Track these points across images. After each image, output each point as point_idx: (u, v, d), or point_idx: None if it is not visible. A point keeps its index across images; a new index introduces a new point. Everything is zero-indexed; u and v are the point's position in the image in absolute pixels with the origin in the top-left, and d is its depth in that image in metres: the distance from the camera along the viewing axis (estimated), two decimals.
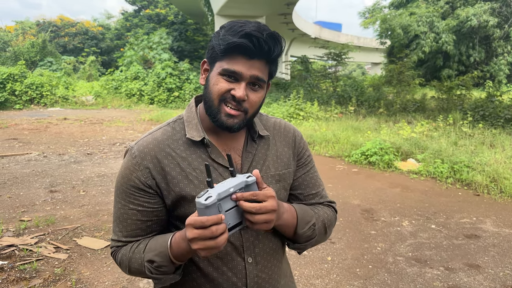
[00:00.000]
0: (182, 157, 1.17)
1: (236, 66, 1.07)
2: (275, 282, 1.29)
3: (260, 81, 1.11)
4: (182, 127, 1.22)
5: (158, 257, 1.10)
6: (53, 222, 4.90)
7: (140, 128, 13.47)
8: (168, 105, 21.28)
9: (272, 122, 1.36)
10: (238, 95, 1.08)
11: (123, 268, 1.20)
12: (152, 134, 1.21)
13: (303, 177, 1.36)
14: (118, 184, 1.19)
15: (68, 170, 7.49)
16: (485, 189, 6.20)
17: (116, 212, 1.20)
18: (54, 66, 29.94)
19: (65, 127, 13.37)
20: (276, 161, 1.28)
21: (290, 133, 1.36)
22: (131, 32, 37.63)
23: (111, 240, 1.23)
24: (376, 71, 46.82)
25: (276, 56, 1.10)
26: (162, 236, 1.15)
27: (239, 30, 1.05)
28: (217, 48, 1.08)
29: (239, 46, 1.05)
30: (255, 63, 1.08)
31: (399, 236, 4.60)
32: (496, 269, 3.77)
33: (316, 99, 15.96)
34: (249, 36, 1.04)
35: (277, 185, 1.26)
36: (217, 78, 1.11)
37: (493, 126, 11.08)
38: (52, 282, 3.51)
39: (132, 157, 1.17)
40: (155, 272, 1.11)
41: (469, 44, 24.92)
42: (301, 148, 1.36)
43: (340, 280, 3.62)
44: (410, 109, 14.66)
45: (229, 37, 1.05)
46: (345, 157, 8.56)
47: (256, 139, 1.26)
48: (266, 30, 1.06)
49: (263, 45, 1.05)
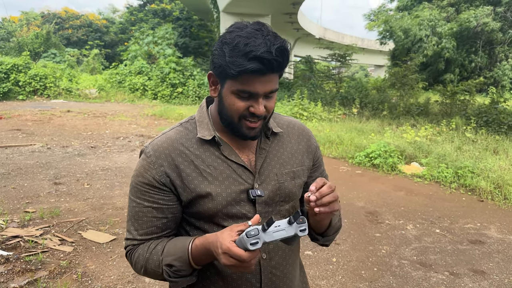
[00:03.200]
0: (196, 155, 1.18)
1: (251, 87, 1.08)
2: (289, 282, 1.29)
3: (274, 91, 1.13)
4: (194, 126, 1.24)
5: (177, 262, 1.12)
6: (57, 214, 4.90)
7: (144, 123, 13.47)
8: (171, 101, 21.28)
9: (286, 120, 1.38)
10: (259, 112, 1.11)
11: (138, 268, 1.20)
12: (165, 134, 1.23)
13: (318, 177, 1.37)
14: (133, 183, 1.20)
15: (72, 163, 7.49)
16: (489, 195, 6.20)
17: (131, 211, 1.21)
18: (58, 58, 29.95)
19: (68, 120, 13.38)
20: (291, 159, 1.29)
21: (305, 131, 1.38)
22: (136, 27, 37.55)
23: (126, 240, 1.23)
24: (379, 74, 46.78)
25: (285, 66, 1.11)
26: (180, 240, 1.17)
27: (246, 51, 1.02)
28: (227, 70, 1.06)
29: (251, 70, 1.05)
30: (267, 78, 1.08)
31: (403, 239, 4.60)
32: (501, 276, 3.77)
33: (320, 99, 15.96)
34: (259, 59, 1.02)
35: (292, 182, 1.27)
36: (231, 98, 1.11)
37: (496, 132, 11.07)
38: (57, 274, 3.52)
39: (146, 157, 1.18)
40: (173, 276, 1.13)
41: (471, 48, 24.87)
42: (316, 148, 1.39)
43: (345, 281, 3.62)
44: (414, 112, 14.64)
45: (238, 60, 1.03)
46: (349, 158, 8.56)
47: (269, 136, 1.27)
48: (273, 44, 1.04)
49: (274, 63, 1.05)
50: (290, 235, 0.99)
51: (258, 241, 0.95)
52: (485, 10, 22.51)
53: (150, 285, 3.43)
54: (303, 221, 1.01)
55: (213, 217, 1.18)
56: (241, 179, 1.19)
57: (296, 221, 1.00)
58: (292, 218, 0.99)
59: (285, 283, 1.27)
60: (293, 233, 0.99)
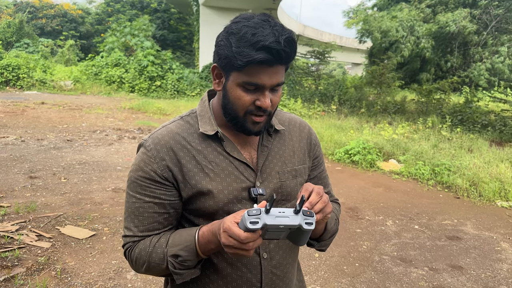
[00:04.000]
0: (198, 150, 1.15)
1: (258, 79, 1.04)
2: (289, 281, 1.28)
3: (280, 84, 1.10)
4: (195, 121, 1.20)
5: (183, 251, 1.08)
6: (34, 209, 4.77)
7: (121, 116, 13.24)
8: (149, 94, 20.96)
9: (287, 117, 1.35)
10: (266, 106, 1.07)
11: (139, 265, 1.15)
12: (166, 127, 1.19)
13: (318, 176, 1.38)
14: (132, 178, 1.15)
15: (48, 156, 7.29)
16: (465, 192, 6.36)
17: (130, 207, 1.16)
18: (31, 48, 29.11)
19: (43, 112, 13.02)
20: (293, 156, 1.27)
21: (306, 129, 1.36)
22: (113, 18, 36.85)
23: (124, 237, 1.18)
24: (357, 72, 47.32)
25: (293, 58, 1.08)
26: (186, 230, 1.13)
27: (254, 41, 0.99)
28: (234, 61, 1.03)
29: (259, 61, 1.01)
30: (275, 70, 1.05)
31: (383, 235, 4.67)
32: (478, 271, 3.87)
33: (300, 96, 16.03)
34: (268, 50, 0.99)
35: (293, 181, 1.25)
36: (237, 90, 1.08)
37: (471, 131, 11.38)
38: (35, 271, 3.42)
39: (147, 150, 1.14)
40: (178, 267, 1.09)
41: (447, 49, 25.44)
42: (317, 146, 1.37)
43: (328, 277, 3.65)
44: (391, 110, 14.90)
45: (245, 50, 1.00)
46: (329, 155, 8.63)
47: (271, 133, 1.25)
48: (282, 34, 1.01)
49: (282, 54, 1.02)
50: (293, 224, 0.93)
51: (258, 221, 0.91)
52: (462, 12, 23.00)
53: (132, 281, 3.37)
54: (310, 214, 0.95)
55: (214, 215, 1.14)
56: (243, 176, 1.16)
57: (302, 211, 0.94)
58: (298, 206, 0.94)
59: (285, 283, 1.26)
60: (297, 223, 0.93)
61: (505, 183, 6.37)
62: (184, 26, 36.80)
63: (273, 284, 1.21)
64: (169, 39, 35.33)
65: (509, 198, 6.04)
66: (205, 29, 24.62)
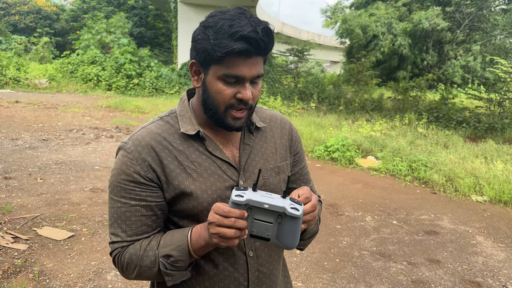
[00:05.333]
0: (179, 150, 1.14)
1: (237, 70, 1.04)
2: (275, 278, 1.29)
3: (260, 76, 1.09)
4: (176, 121, 1.18)
5: (175, 251, 1.06)
6: (9, 211, 4.65)
7: (98, 115, 13.01)
8: (127, 92, 20.65)
9: (268, 114, 1.35)
10: (247, 97, 1.07)
11: (130, 271, 1.12)
12: (145, 128, 1.17)
13: (299, 172, 1.38)
14: (115, 182, 1.12)
15: (23, 156, 7.12)
16: (441, 187, 6.51)
17: (116, 212, 1.12)
18: (4, 45, 28.35)
19: (17, 111, 12.69)
20: (275, 153, 1.27)
21: (287, 125, 1.37)
22: (89, 15, 36.14)
23: (112, 244, 1.14)
24: (335, 70, 47.77)
25: (271, 49, 1.08)
26: (178, 231, 1.11)
27: (231, 32, 0.99)
28: (212, 53, 1.02)
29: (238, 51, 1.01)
30: (253, 61, 1.05)
31: (363, 231, 4.74)
32: (455, 264, 3.97)
33: (279, 94, 16.08)
34: (246, 39, 1.00)
35: (277, 178, 1.25)
36: (217, 84, 1.07)
37: (446, 127, 11.64)
38: (12, 274, 3.34)
39: (127, 152, 1.12)
40: (169, 268, 1.07)
41: (422, 47, 25.95)
42: (297, 142, 1.38)
43: (309, 273, 3.68)
44: (368, 108, 15.10)
45: (224, 41, 1.00)
46: (309, 152, 8.69)
47: (253, 130, 1.25)
48: (259, 24, 1.02)
49: (261, 44, 1.02)
50: (277, 205, 0.93)
51: (243, 196, 0.93)
52: (435, 10, 23.48)
53: (112, 282, 3.32)
54: (298, 203, 0.96)
55: (198, 216, 1.14)
56: (226, 175, 1.15)
57: (290, 198, 0.96)
58: (286, 193, 0.97)
59: (271, 280, 1.26)
60: (282, 206, 0.93)
61: (480, 178, 6.55)
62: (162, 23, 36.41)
63: (260, 282, 1.22)
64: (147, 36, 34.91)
65: (483, 192, 6.20)
66: (183, 26, 24.41)
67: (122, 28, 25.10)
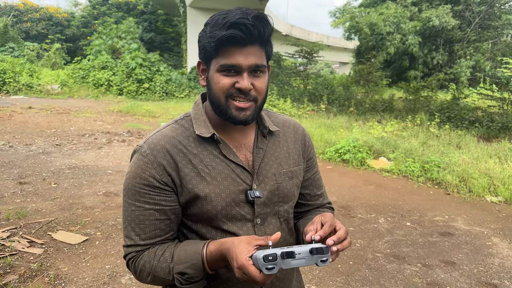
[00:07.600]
0: (194, 154, 1.14)
1: (232, 59, 1.05)
2: (289, 282, 1.29)
3: (260, 67, 1.09)
4: (190, 124, 1.19)
5: (190, 269, 1.07)
6: (24, 215, 4.71)
7: (110, 120, 13.13)
8: (137, 97, 20.82)
9: (281, 119, 1.36)
10: (244, 86, 1.06)
11: (143, 276, 1.13)
12: (160, 132, 1.18)
13: (312, 178, 1.38)
14: (130, 185, 1.13)
15: (37, 161, 7.21)
16: (455, 188, 6.44)
17: (130, 215, 1.13)
18: (16, 52, 28.74)
19: (30, 116, 12.86)
20: (288, 158, 1.27)
21: (300, 130, 1.37)
22: (99, 21, 36.58)
23: (126, 247, 1.15)
24: (344, 71, 47.61)
25: (268, 36, 1.08)
26: (191, 245, 1.11)
27: (223, 22, 1.02)
28: (208, 46, 1.05)
29: (229, 38, 1.02)
30: (249, 50, 1.06)
31: (376, 233, 4.70)
32: (470, 266, 3.92)
33: (289, 96, 16.07)
34: (235, 26, 1.01)
35: (290, 182, 1.25)
36: (217, 76, 1.08)
37: (459, 127, 11.52)
38: (28, 278, 3.38)
39: (143, 156, 1.12)
40: (185, 283, 1.09)
41: (432, 46, 25.73)
42: (310, 147, 1.38)
43: (323, 276, 3.66)
44: (379, 108, 15.01)
45: (216, 32, 1.03)
46: (320, 154, 8.66)
47: (266, 134, 1.24)
48: (250, 13, 1.03)
49: (252, 30, 1.03)
50: (309, 264, 0.96)
51: (274, 267, 0.92)
52: (445, 9, 23.30)
53: (126, 286, 3.34)
54: (325, 251, 0.96)
55: (212, 220, 1.14)
56: (239, 179, 1.16)
57: (317, 249, 0.96)
58: (315, 250, 0.95)
59: (285, 284, 1.26)
60: (313, 263, 0.96)
61: (494, 179, 6.46)
62: (171, 27, 36.63)
63: (273, 286, 1.22)
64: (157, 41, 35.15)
65: (498, 193, 6.12)
66: (192, 30, 24.57)
67: (132, 34, 25.31)
